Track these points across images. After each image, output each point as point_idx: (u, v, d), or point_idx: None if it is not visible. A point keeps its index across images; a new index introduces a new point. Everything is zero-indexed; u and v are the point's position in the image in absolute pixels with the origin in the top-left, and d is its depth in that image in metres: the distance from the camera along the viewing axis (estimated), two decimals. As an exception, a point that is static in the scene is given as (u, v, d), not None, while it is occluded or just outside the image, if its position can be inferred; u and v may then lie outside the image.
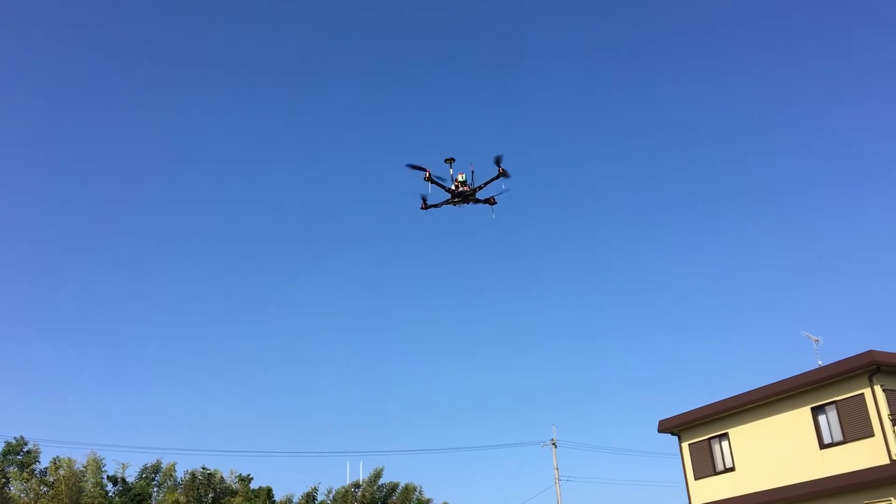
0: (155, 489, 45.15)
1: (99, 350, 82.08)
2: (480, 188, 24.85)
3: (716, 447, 31.90)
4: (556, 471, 53.03)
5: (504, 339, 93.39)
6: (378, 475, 55.63)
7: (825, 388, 27.87)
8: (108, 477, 43.86)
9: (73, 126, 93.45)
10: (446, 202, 25.27)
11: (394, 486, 57.75)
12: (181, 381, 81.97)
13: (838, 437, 27.28)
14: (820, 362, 29.38)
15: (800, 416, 28.67)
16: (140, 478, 45.50)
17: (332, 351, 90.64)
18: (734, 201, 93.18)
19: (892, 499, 24.69)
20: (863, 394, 26.54)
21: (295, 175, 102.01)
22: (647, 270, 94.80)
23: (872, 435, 26.06)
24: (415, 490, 57.10)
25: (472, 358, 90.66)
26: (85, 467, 42.52)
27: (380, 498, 56.08)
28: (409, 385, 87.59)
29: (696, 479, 32.49)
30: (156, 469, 46.39)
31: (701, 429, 32.54)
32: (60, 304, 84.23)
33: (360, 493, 52.65)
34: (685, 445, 33.28)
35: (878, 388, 26.16)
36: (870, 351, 26.27)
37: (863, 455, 26.18)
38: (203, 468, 46.39)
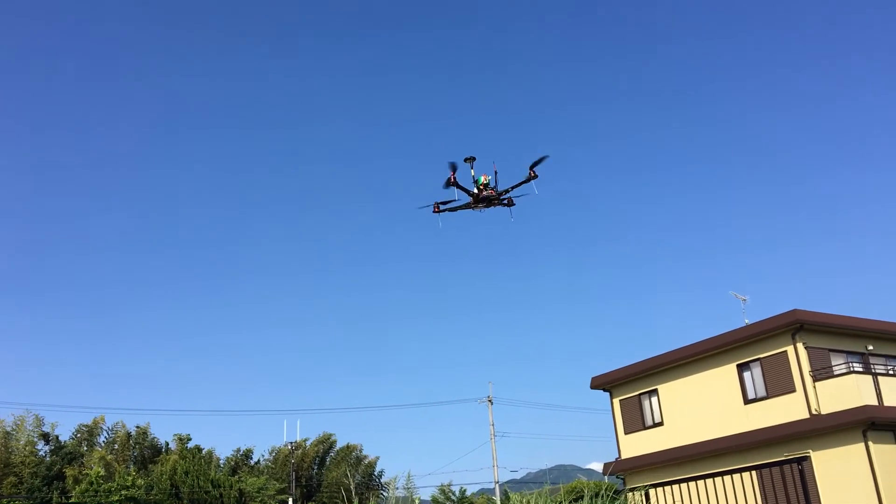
0: (86, 448, 44.62)
1: (33, 310, 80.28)
2: (507, 192, 23.01)
3: (645, 403, 32.74)
4: (491, 427, 53.89)
5: (440, 303, 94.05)
6: (326, 439, 55.83)
7: (750, 345, 28.73)
8: (40, 435, 43.18)
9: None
10: (465, 206, 23.31)
11: (335, 444, 57.97)
12: (121, 343, 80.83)
13: (762, 392, 28.22)
14: (747, 321, 30.23)
15: (726, 373, 29.56)
16: (74, 437, 44.87)
17: (270, 313, 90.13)
18: (667, 172, 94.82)
19: (810, 451, 25.69)
20: (786, 351, 27.44)
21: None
22: (583, 237, 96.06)
23: (794, 391, 27.03)
24: (355, 448, 57.45)
25: (411, 321, 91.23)
26: (15, 426, 41.78)
27: (320, 455, 56.30)
28: (348, 346, 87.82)
29: (626, 433, 33.35)
30: (91, 428, 45.80)
31: (631, 385, 33.33)
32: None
33: (297, 452, 52.73)
34: (616, 401, 34.08)
35: (800, 346, 27.06)
36: (794, 310, 27.12)
37: (784, 410, 27.16)
38: (138, 427, 45.96)
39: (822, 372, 26.70)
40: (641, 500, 11.84)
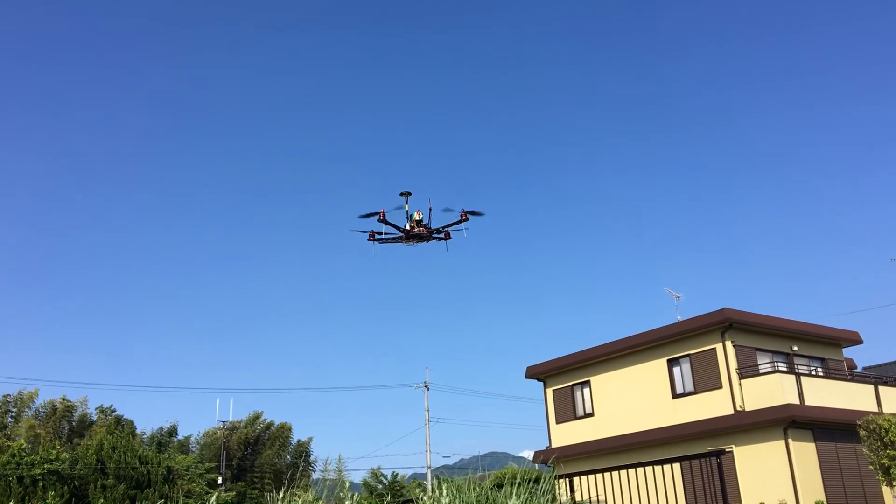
0: (11, 419, 43.56)
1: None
2: (439, 231, 23.64)
3: (577, 393, 33.25)
4: (426, 412, 54.15)
5: (384, 292, 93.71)
6: (257, 417, 55.34)
7: (681, 341, 29.39)
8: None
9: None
10: (397, 239, 23.97)
11: (268, 425, 57.53)
12: (50, 315, 78.84)
13: (690, 387, 28.92)
14: (679, 317, 30.89)
15: (656, 367, 30.19)
16: (-2, 407, 43.74)
17: (208, 292, 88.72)
18: (613, 174, 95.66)
19: (733, 446, 26.46)
20: (715, 349, 28.16)
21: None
22: (527, 237, 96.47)
23: (721, 387, 27.76)
24: (290, 429, 57.06)
25: (349, 305, 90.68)
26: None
27: (253, 436, 55.85)
28: (287, 329, 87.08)
29: (557, 422, 33.84)
30: (16, 400, 44.66)
31: (565, 376, 33.81)
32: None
33: (229, 432, 52.24)
34: (549, 391, 34.55)
35: (728, 344, 27.79)
36: (724, 309, 27.82)
37: (711, 405, 27.89)
38: (63, 398, 44.97)
39: (748, 370, 27.46)
40: (566, 488, 12.06)
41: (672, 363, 29.72)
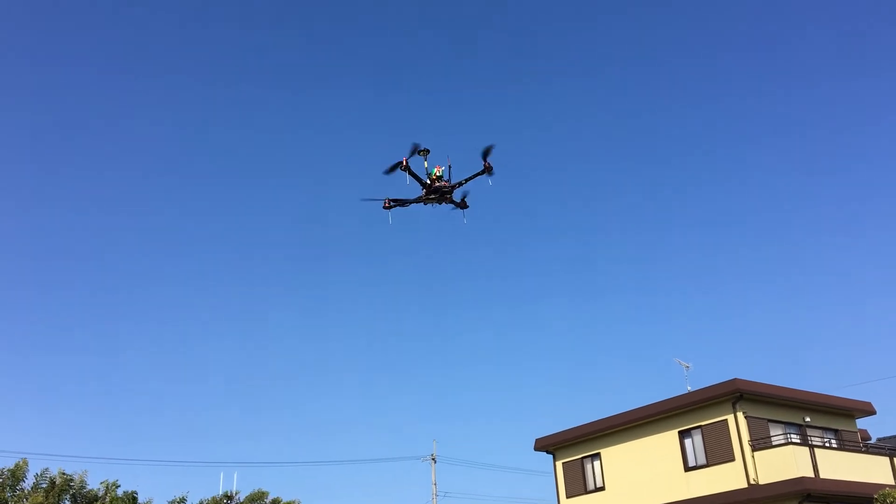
0: (9, 493, 42.77)
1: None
2: (460, 184, 21.88)
3: (588, 467, 32.63)
4: (434, 486, 53.20)
5: (386, 360, 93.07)
6: (260, 496, 54.37)
7: (692, 412, 28.96)
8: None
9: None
10: (416, 200, 22.10)
11: (275, 501, 56.45)
12: (48, 385, 78.32)
13: (702, 460, 28.38)
14: (689, 388, 30.56)
15: (668, 440, 29.68)
16: (-6, 481, 43.00)
17: (210, 362, 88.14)
18: (606, 236, 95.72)
19: (747, 521, 25.83)
20: (726, 420, 27.72)
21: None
22: (528, 297, 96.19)
23: (733, 459, 27.23)
24: (293, 504, 55.91)
25: (353, 376, 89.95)
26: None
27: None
28: (289, 399, 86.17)
29: (567, 497, 33.13)
30: (14, 473, 43.97)
31: (575, 448, 33.24)
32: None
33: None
34: (559, 464, 33.91)
35: (740, 415, 27.36)
36: (734, 379, 27.49)
37: (724, 478, 27.30)
38: (61, 472, 44.22)
39: (760, 442, 26.99)
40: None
41: (683, 435, 29.23)
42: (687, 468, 28.77)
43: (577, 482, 32.85)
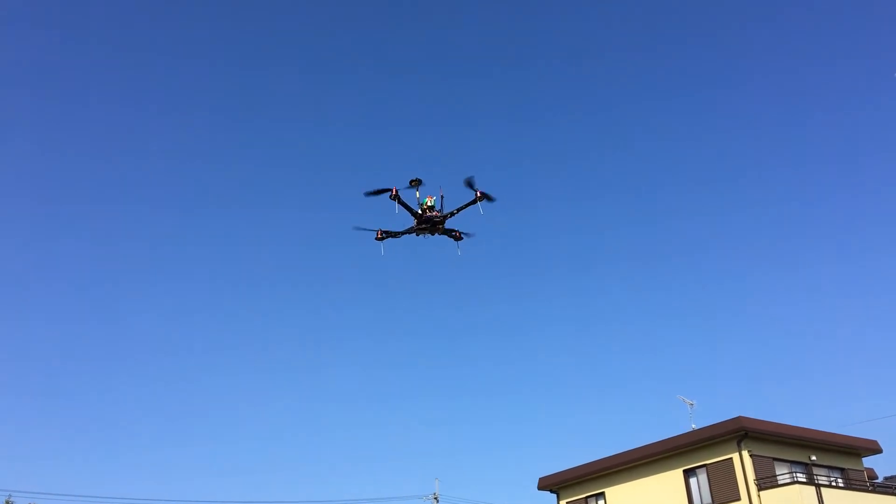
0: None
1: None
2: (452, 214, 21.78)
3: (592, 506, 32.32)
4: (437, 525, 52.56)
5: (388, 392, 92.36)
6: None
7: (697, 451, 28.75)
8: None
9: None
10: (408, 231, 22.01)
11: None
12: (45, 428, 77.66)
13: (707, 499, 28.11)
14: (694, 426, 30.37)
15: (673, 479, 29.43)
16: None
17: (210, 400, 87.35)
18: (611, 267, 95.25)
19: (754, 562, 25.53)
20: (731, 458, 27.50)
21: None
22: (528, 327, 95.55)
23: (739, 499, 26.98)
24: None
25: (355, 410, 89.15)
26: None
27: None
28: (289, 436, 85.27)
29: (572, 537, 32.77)
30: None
31: (579, 487, 32.95)
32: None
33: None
34: None
35: (745, 454, 27.16)
36: (738, 417, 27.33)
37: (730, 518, 27.03)
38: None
39: (766, 481, 26.74)
40: None
41: (688, 474, 28.99)
42: (692, 507, 28.49)
43: (582, 522, 32.51)
